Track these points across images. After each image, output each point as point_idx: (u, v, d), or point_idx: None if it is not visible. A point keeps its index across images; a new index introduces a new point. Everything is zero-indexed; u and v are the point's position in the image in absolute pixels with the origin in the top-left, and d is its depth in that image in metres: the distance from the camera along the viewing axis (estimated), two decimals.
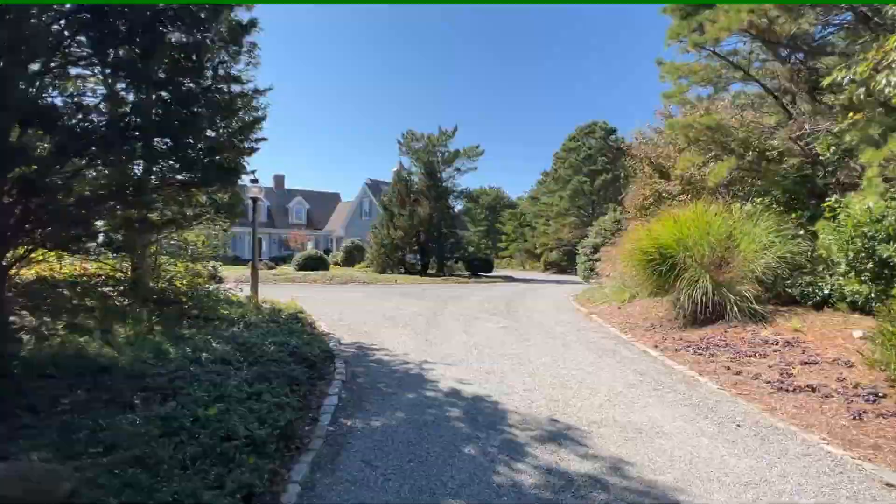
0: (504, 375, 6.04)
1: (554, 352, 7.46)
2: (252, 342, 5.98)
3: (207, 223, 9.10)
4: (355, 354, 7.06)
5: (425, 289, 18.47)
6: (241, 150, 7.16)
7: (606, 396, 5.29)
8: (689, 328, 8.19)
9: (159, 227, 5.66)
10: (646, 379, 6.00)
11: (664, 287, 8.83)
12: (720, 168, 8.99)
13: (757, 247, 8.17)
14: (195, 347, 5.54)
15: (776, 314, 7.64)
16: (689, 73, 10.51)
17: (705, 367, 6.39)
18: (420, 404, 4.90)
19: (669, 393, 5.45)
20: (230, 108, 6.39)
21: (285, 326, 7.72)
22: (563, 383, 5.75)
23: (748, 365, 6.20)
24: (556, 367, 6.50)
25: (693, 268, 8.17)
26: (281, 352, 5.79)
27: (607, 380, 5.95)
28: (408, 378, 5.84)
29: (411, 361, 6.67)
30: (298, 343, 6.34)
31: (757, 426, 4.47)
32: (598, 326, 9.93)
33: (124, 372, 4.55)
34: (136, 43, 5.07)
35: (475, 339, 8.34)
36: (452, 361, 6.70)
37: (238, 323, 7.57)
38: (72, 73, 5.55)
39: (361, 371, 6.11)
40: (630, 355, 7.27)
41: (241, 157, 7.24)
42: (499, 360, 6.80)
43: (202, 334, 6.33)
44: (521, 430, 4.29)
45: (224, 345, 5.80)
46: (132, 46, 5.19)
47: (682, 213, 9.08)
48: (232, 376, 4.67)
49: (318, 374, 5.65)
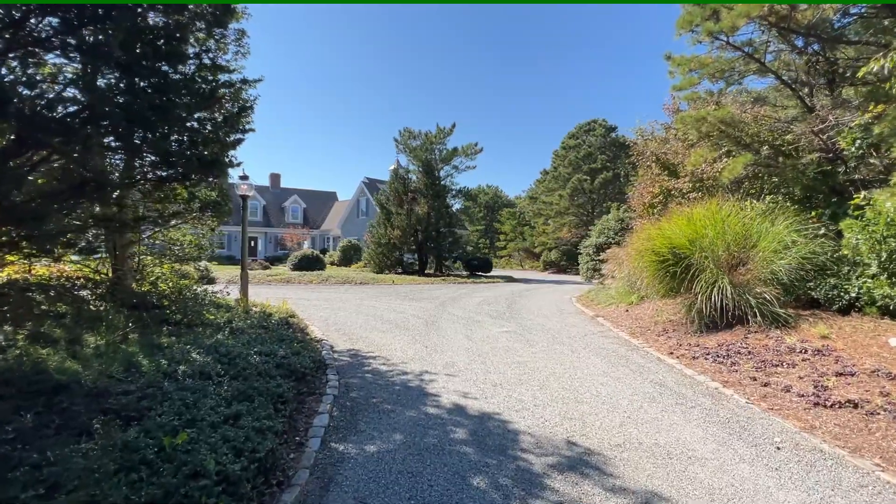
0: (512, 388, 5.54)
1: (562, 359, 6.97)
2: (236, 352, 5.45)
3: (194, 222, 8.59)
4: (349, 363, 6.54)
5: (423, 290, 17.95)
6: (226, 144, 6.64)
7: (626, 413, 4.80)
8: (704, 333, 7.70)
9: (131, 225, 5.12)
10: (665, 391, 5.52)
11: (678, 289, 8.34)
12: (736, 163, 8.51)
13: (776, 246, 7.69)
14: (172, 359, 5.00)
15: (799, 319, 7.16)
16: (700, 66, 10.02)
17: (728, 378, 5.90)
18: (421, 424, 4.39)
19: (694, 408, 4.96)
20: (213, 97, 5.86)
21: (274, 333, 7.19)
22: (577, 397, 5.25)
23: (776, 375, 5.72)
24: (567, 378, 6.00)
25: (710, 269, 7.69)
26: (267, 363, 5.26)
27: (624, 392, 5.45)
28: (407, 391, 5.33)
29: (410, 371, 6.16)
30: (287, 352, 5.81)
31: (799, 449, 3.99)
32: (605, 330, 9.44)
33: (86, 390, 4.01)
34: (107, 23, 4.55)
35: (478, 345, 7.84)
36: (455, 371, 6.19)
37: (224, 329, 7.04)
38: (38, 58, 5.03)
39: (356, 383, 5.59)
40: (644, 363, 6.79)
41: (227, 150, 6.73)
42: (505, 370, 6.30)
43: (182, 342, 5.80)
44: (536, 455, 3.79)
45: (204, 355, 5.27)
46: (102, 26, 4.67)
47: (696, 211, 8.59)
48: (209, 394, 4.15)
49: (308, 387, 5.14)
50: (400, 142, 28.23)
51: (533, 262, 42.51)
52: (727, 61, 9.53)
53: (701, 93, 10.16)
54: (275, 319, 8.44)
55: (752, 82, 13.82)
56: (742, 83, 10.01)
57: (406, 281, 21.62)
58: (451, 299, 14.55)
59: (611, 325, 9.92)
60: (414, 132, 27.88)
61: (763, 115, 9.83)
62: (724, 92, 9.99)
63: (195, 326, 7.07)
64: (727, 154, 10.14)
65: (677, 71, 10.54)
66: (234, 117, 6.68)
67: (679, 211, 9.24)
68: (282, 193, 45.32)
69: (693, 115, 9.19)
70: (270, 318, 8.44)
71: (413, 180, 27.72)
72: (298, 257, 25.21)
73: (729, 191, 10.30)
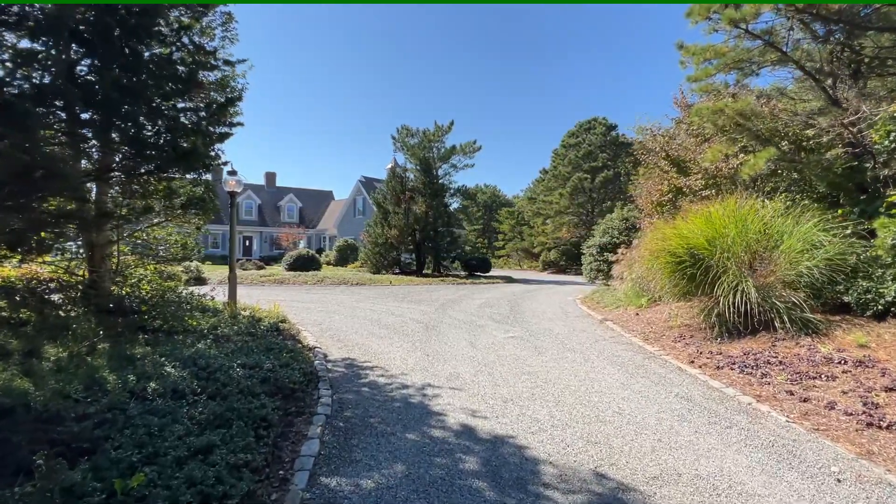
0: (524, 404, 4.98)
1: (576, 369, 6.42)
2: (216, 364, 4.87)
3: (178, 220, 8.00)
4: (344, 375, 5.97)
5: (422, 291, 17.37)
6: (210, 136, 6.06)
7: (656, 434, 4.25)
8: (726, 340, 7.18)
9: (94, 223, 4.54)
10: (694, 407, 4.97)
11: (695, 292, 7.81)
12: (758, 158, 7.98)
13: (802, 246, 7.18)
14: (142, 373, 4.42)
15: (831, 325, 6.64)
16: (716, 55, 9.48)
17: (761, 391, 5.37)
18: (425, 450, 3.82)
19: (730, 428, 4.42)
20: (193, 81, 5.27)
21: (262, 341, 6.60)
22: (598, 415, 4.70)
23: (815, 389, 5.19)
24: (584, 392, 5.45)
25: (732, 271, 7.16)
26: (251, 378, 4.68)
27: (649, 409, 4.91)
28: (408, 409, 4.76)
29: (411, 384, 5.59)
30: (274, 364, 5.23)
31: (863, 482, 3.45)
32: (617, 336, 8.90)
33: (34, 415, 3.43)
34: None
35: (483, 353, 7.28)
36: (460, 384, 5.63)
37: (207, 337, 6.46)
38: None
39: (351, 399, 5.02)
40: (665, 373, 6.25)
41: (212, 144, 6.15)
42: (514, 383, 5.74)
43: (158, 353, 5.22)
44: (561, 492, 3.23)
45: (181, 369, 4.69)
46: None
47: (713, 209, 8.07)
48: (180, 418, 3.58)
49: (297, 406, 4.56)
50: (397, 139, 27.61)
51: (531, 261, 41.98)
52: (745, 51, 9.00)
53: (717, 84, 9.62)
54: (264, 325, 7.85)
55: (769, 76, 13.18)
56: (759, 74, 9.48)
57: (403, 281, 21.04)
58: (450, 301, 13.99)
59: (621, 329, 9.38)
60: (412, 130, 27.27)
61: (782, 109, 9.32)
62: (741, 83, 9.46)
63: (175, 334, 6.48)
64: (743, 150, 9.63)
65: (690, 61, 10.00)
66: (221, 108, 6.10)
67: (695, 209, 8.71)
68: (277, 192, 44.66)
69: (710, 106, 8.66)
70: (259, 324, 7.85)
71: (411, 179, 27.12)
72: (293, 257, 24.59)
73: (743, 188, 9.79)
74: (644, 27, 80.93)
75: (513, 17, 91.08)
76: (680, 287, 7.93)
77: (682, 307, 8.76)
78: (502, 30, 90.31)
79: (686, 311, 8.60)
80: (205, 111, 5.55)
